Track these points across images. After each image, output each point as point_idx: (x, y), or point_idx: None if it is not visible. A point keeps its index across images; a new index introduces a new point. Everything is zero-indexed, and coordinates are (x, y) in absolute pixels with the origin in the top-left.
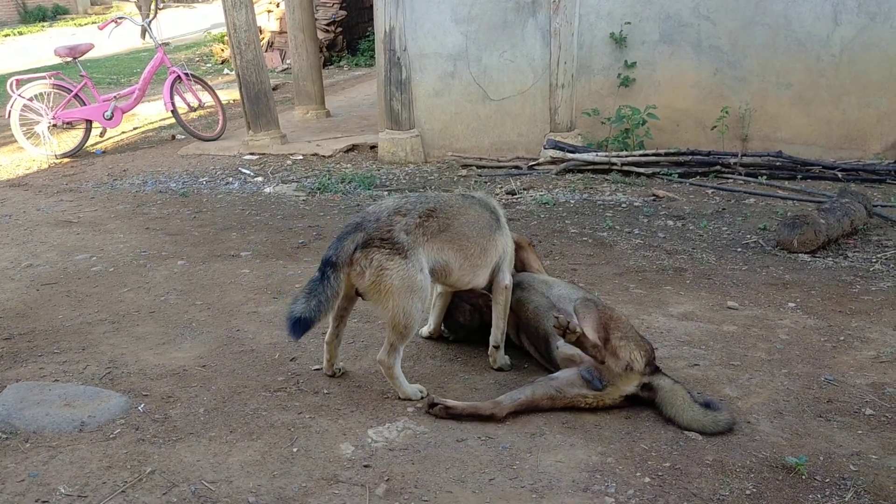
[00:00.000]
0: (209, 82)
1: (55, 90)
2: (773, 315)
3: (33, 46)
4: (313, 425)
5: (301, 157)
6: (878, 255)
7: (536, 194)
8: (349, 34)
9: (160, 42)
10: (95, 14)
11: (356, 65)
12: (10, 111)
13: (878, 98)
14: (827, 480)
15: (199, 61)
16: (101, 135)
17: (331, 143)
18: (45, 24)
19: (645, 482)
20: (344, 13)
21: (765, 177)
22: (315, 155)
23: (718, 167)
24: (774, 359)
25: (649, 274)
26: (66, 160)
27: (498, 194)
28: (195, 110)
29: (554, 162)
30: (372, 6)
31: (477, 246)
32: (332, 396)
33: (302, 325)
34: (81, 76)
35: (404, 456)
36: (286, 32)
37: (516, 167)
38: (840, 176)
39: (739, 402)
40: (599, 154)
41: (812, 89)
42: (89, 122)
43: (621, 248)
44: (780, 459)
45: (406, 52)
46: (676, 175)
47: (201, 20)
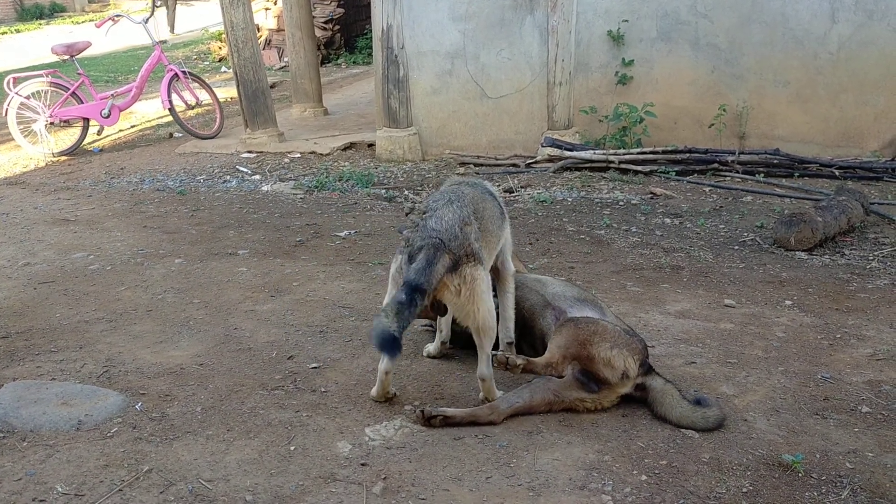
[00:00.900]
0: (207, 80)
1: (52, 88)
2: (769, 313)
3: (30, 44)
4: (310, 424)
5: (299, 156)
6: (875, 253)
7: (534, 192)
8: (347, 32)
9: (157, 40)
10: (93, 12)
11: (354, 63)
12: (7, 109)
13: (875, 96)
14: (823, 478)
15: (196, 59)
16: (99, 133)
17: (328, 141)
18: (43, 21)
19: (642, 480)
20: (342, 11)
21: (762, 174)
22: (313, 153)
23: (716, 165)
24: (771, 356)
25: (646, 272)
26: (63, 158)
27: None
28: (192, 108)
29: (551, 160)
30: (370, 4)
31: (495, 237)
32: (329, 395)
33: (397, 345)
34: (79, 74)
35: (401, 454)
36: (284, 30)
37: (514, 165)
38: (837, 174)
39: (736, 400)
40: (597, 152)
41: (809, 87)
42: (87, 120)
43: (619, 245)
44: (776, 457)
45: (404, 49)
46: (674, 173)
47: (199, 18)
